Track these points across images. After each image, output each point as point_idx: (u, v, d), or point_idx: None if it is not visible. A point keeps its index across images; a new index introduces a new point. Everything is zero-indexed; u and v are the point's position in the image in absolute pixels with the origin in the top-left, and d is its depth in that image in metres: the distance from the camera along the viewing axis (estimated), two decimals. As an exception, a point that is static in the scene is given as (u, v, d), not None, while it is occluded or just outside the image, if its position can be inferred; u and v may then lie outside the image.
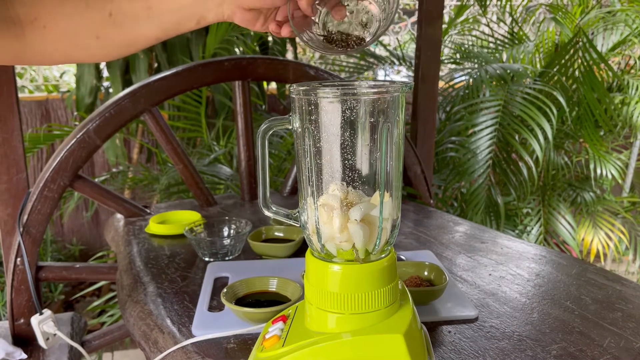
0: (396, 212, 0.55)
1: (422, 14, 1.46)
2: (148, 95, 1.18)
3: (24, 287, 1.06)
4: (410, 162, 1.45)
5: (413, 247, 1.05)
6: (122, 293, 0.94)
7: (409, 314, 0.54)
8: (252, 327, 0.72)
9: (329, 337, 0.52)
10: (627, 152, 2.85)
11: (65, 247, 2.73)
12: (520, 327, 0.73)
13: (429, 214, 1.28)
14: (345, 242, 0.52)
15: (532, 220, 2.40)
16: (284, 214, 0.59)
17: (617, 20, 2.45)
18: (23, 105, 2.56)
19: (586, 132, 2.24)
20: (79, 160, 1.10)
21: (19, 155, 1.11)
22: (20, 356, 1.02)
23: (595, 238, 2.52)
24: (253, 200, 1.40)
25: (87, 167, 2.69)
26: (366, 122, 0.51)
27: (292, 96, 0.54)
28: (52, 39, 0.62)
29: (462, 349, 0.68)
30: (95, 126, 1.12)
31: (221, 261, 0.98)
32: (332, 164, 0.53)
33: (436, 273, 0.82)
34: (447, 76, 2.56)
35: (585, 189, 2.51)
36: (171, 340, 0.73)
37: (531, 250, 1.02)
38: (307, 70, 1.35)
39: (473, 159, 2.12)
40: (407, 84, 0.52)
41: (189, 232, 1.01)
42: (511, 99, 2.13)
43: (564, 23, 2.46)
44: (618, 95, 2.38)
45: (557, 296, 0.82)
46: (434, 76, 1.50)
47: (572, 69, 2.21)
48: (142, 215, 1.26)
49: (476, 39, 2.77)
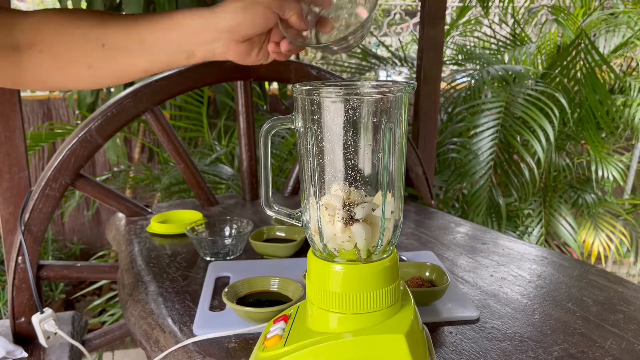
0: (398, 212, 0.55)
1: (424, 15, 1.46)
2: (150, 94, 1.18)
3: (25, 286, 1.06)
4: (411, 162, 1.45)
5: (414, 247, 1.05)
6: (123, 292, 0.94)
7: (410, 314, 0.54)
8: (254, 327, 0.72)
9: (331, 337, 0.52)
10: (628, 154, 2.84)
11: (66, 246, 2.73)
12: (521, 328, 0.72)
13: (430, 215, 1.28)
14: (347, 242, 0.52)
15: (533, 222, 2.40)
16: (286, 213, 0.59)
17: (619, 22, 2.45)
18: (25, 104, 2.56)
19: (588, 133, 2.24)
20: (80, 159, 1.10)
21: (20, 154, 1.11)
22: (20, 355, 1.02)
23: (596, 240, 2.52)
24: (254, 200, 1.40)
25: (89, 166, 2.69)
26: (369, 122, 0.51)
27: (295, 96, 0.54)
28: (47, 66, 0.64)
29: (463, 350, 0.67)
30: (97, 125, 1.12)
31: (222, 261, 0.98)
32: (335, 163, 0.52)
33: (437, 274, 0.82)
34: (449, 77, 2.56)
35: (587, 191, 2.51)
36: (172, 340, 0.73)
37: (532, 251, 1.02)
38: (309, 71, 1.35)
39: (474, 160, 2.12)
40: (411, 83, 0.52)
41: (190, 232, 1.01)
42: (513, 100, 2.13)
43: (566, 25, 2.46)
44: (620, 97, 2.38)
45: (559, 297, 0.82)
46: (436, 77, 1.50)
47: (574, 70, 2.21)
48: (144, 215, 1.26)
49: (478, 40, 2.77)
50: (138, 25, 0.63)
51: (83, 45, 0.63)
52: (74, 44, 0.63)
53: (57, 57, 0.64)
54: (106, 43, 0.63)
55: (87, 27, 0.63)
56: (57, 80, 0.67)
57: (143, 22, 0.63)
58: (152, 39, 0.63)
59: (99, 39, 0.63)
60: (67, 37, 0.63)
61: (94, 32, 0.63)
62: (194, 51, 0.64)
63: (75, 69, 0.65)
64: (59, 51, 0.63)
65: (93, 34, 0.63)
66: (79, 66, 0.64)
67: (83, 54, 0.64)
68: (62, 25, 0.63)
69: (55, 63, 0.64)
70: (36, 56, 0.63)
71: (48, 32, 0.63)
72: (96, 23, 0.63)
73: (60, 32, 0.63)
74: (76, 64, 0.64)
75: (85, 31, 0.63)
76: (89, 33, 0.63)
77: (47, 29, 0.63)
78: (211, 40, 0.63)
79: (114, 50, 0.63)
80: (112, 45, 0.63)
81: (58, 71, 0.65)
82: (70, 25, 0.63)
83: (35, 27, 0.63)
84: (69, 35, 0.63)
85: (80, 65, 0.64)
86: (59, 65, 0.64)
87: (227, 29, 0.62)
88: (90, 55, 0.64)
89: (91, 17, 0.64)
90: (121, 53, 0.64)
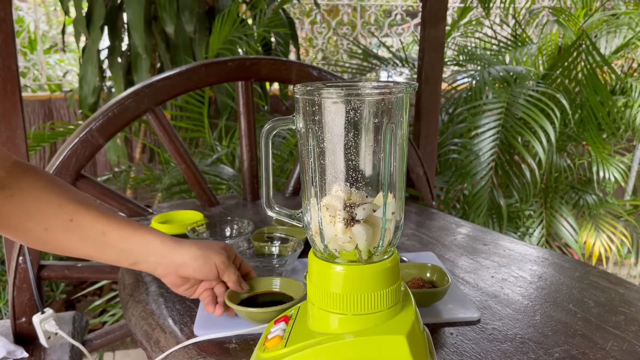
0: (399, 213, 0.55)
1: (425, 15, 1.46)
2: (151, 95, 1.19)
3: (26, 286, 1.06)
4: (412, 163, 1.44)
5: (415, 248, 1.05)
6: (124, 292, 0.94)
7: (411, 315, 0.54)
8: (254, 328, 0.72)
9: (331, 337, 0.52)
10: (629, 155, 2.84)
11: (67, 246, 2.72)
12: (522, 330, 0.72)
13: (431, 216, 1.28)
14: (348, 243, 0.52)
15: (534, 223, 2.40)
16: (287, 214, 0.59)
17: (620, 23, 2.45)
18: (26, 104, 2.56)
19: (589, 134, 2.24)
20: (82, 160, 1.10)
21: (22, 154, 1.11)
22: (21, 355, 1.02)
23: (598, 241, 2.52)
24: (255, 200, 1.40)
25: (89, 166, 2.69)
26: (370, 123, 0.51)
27: (296, 96, 0.54)
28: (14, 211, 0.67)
29: (464, 351, 0.67)
30: (99, 125, 1.12)
31: (223, 261, 0.97)
32: (336, 164, 0.52)
33: (438, 275, 0.82)
34: (450, 78, 2.56)
35: (588, 192, 2.50)
36: (173, 340, 0.73)
37: (533, 252, 1.01)
38: (310, 71, 1.35)
39: (475, 160, 2.11)
40: (412, 84, 0.52)
41: (191, 232, 1.01)
42: (514, 101, 2.13)
43: (567, 26, 2.46)
44: (621, 98, 2.38)
45: (560, 299, 0.82)
46: (437, 78, 1.50)
47: (575, 71, 2.21)
48: (145, 215, 1.26)
49: (479, 41, 2.77)
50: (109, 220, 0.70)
51: (54, 212, 0.68)
52: (46, 205, 0.67)
53: (25, 209, 0.67)
54: (74, 219, 0.68)
55: (64, 198, 0.68)
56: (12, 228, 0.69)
57: (113, 221, 0.70)
58: (112, 237, 0.70)
59: (71, 213, 0.68)
60: (42, 197, 0.67)
61: (70, 205, 0.68)
62: (139, 262, 0.72)
63: (32, 225, 0.68)
64: (29, 205, 0.67)
65: (69, 206, 0.68)
66: (37, 224, 0.68)
67: (49, 218, 0.68)
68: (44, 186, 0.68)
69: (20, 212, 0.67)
70: (8, 200, 0.66)
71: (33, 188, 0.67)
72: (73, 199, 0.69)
73: (38, 191, 0.67)
74: (36, 222, 0.68)
75: (61, 202, 0.68)
76: (65, 203, 0.68)
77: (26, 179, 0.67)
78: (159, 264, 0.72)
79: (77, 229, 0.68)
80: (77, 224, 0.68)
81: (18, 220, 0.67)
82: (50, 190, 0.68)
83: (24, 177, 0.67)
84: (44, 195, 0.68)
85: (41, 226, 0.68)
86: (23, 216, 0.67)
87: (179, 265, 0.72)
88: (54, 222, 0.68)
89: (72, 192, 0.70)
90: (82, 233, 0.69)
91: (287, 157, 2.13)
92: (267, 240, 0.96)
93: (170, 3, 2.06)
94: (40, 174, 0.69)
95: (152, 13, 2.22)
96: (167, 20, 2.06)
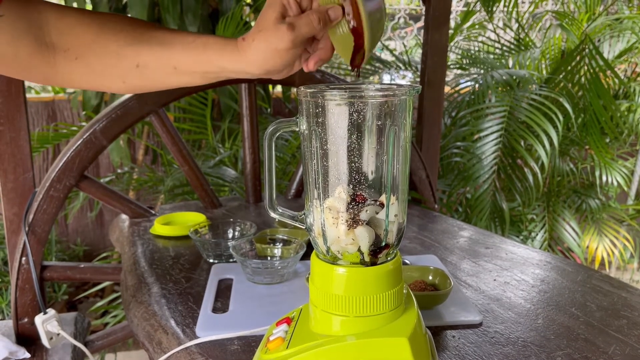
0: (402, 215, 0.55)
1: (428, 19, 1.46)
2: (154, 96, 1.19)
3: (29, 287, 1.06)
4: (415, 166, 1.44)
5: (418, 251, 1.05)
6: (126, 293, 0.95)
7: (413, 317, 0.54)
8: (256, 329, 0.72)
9: (334, 339, 0.52)
10: (632, 159, 2.84)
11: (70, 247, 2.74)
12: (524, 333, 0.72)
13: (433, 219, 1.28)
14: (350, 245, 0.52)
15: (536, 227, 2.40)
16: (290, 216, 0.59)
17: (623, 28, 2.45)
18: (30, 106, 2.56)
19: (592, 138, 2.23)
20: (85, 161, 1.10)
21: (25, 155, 1.12)
22: (23, 355, 1.02)
23: (600, 245, 2.51)
24: (258, 202, 1.40)
25: (92, 168, 2.69)
26: (373, 125, 0.51)
27: (300, 98, 0.54)
28: (80, 72, 0.66)
29: (466, 354, 0.67)
30: (102, 127, 1.12)
31: (225, 263, 0.98)
32: (339, 166, 0.53)
33: (441, 278, 0.82)
34: (453, 81, 2.56)
35: (591, 196, 2.50)
36: (175, 341, 0.73)
37: (536, 256, 1.01)
38: (314, 74, 1.35)
39: (478, 164, 2.11)
40: (415, 87, 0.52)
41: (193, 234, 1.01)
42: (517, 104, 2.13)
43: (571, 30, 2.46)
44: (624, 103, 2.37)
45: (562, 302, 0.82)
46: (440, 81, 1.50)
47: (578, 75, 2.20)
48: (147, 216, 1.26)
49: (482, 45, 2.77)
50: (171, 50, 0.64)
51: (117, 64, 0.64)
52: (108, 61, 0.64)
53: (91, 68, 0.65)
54: (140, 64, 0.64)
55: (121, 45, 0.64)
56: (90, 85, 0.69)
57: (175, 47, 0.64)
58: (186, 66, 0.64)
59: (133, 59, 0.64)
60: (101, 52, 0.64)
61: (128, 52, 0.64)
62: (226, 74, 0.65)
63: (109, 82, 0.67)
64: (93, 64, 0.65)
65: (127, 53, 0.64)
66: (113, 79, 0.66)
67: (117, 71, 0.65)
68: (97, 38, 0.64)
69: (89, 72, 0.66)
70: (71, 61, 0.65)
71: (83, 41, 0.64)
72: (131, 40, 0.64)
73: (94, 45, 0.64)
74: (110, 77, 0.66)
75: (119, 50, 0.64)
76: (122, 52, 0.64)
77: (82, 38, 0.64)
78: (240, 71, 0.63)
79: (148, 71, 0.65)
80: (145, 66, 0.64)
81: (92, 79, 0.67)
82: (104, 40, 0.64)
83: (71, 31, 0.64)
84: (102, 50, 0.64)
85: (114, 79, 0.66)
86: (93, 75, 0.66)
87: (259, 73, 0.62)
88: (124, 73, 0.65)
89: (125, 33, 0.65)
90: (155, 74, 0.65)
91: (289, 160, 2.13)
92: (269, 242, 0.96)
93: (173, 5, 2.07)
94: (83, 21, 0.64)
95: (156, 15, 2.22)
96: (170, 22, 2.07)
